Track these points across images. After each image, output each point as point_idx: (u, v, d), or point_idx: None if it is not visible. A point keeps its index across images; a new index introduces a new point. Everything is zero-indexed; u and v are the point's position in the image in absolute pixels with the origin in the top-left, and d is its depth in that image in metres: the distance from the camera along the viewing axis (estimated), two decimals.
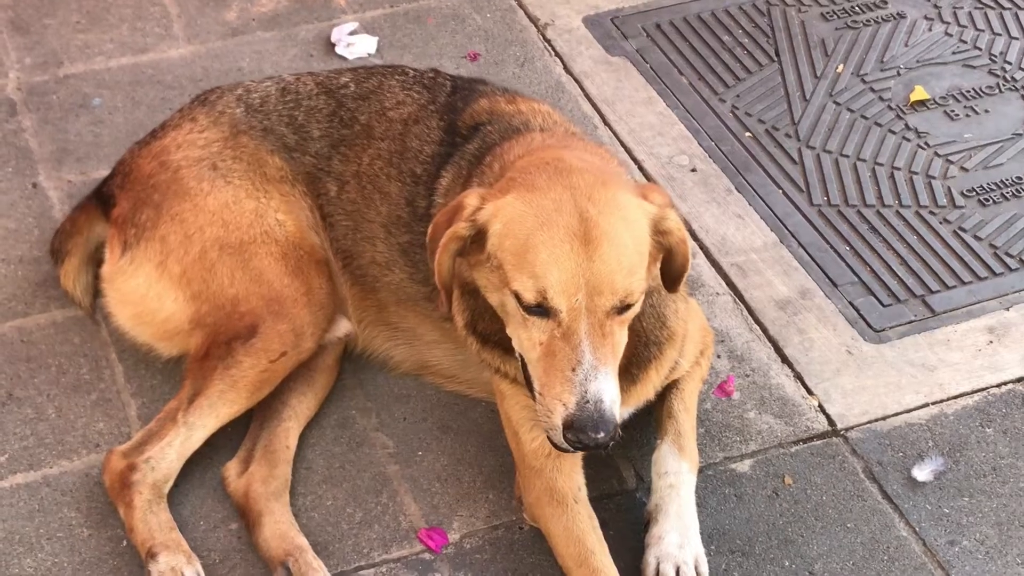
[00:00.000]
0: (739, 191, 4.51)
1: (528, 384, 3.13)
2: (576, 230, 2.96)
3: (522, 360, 3.13)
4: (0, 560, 3.41)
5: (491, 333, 3.31)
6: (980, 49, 5.07)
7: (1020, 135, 4.72)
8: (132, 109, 4.70)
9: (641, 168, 4.57)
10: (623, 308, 3.00)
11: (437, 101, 3.79)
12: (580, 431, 2.92)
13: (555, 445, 3.03)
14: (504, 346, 3.26)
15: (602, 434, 2.92)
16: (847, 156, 4.63)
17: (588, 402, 2.92)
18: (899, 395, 3.88)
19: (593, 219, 2.97)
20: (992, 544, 3.52)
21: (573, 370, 2.94)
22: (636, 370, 3.34)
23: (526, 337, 3.03)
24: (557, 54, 5.03)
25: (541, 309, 2.97)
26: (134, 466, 3.44)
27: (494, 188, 3.12)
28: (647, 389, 3.45)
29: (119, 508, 3.44)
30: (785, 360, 3.97)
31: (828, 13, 5.20)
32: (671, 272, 3.19)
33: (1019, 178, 4.55)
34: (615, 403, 2.96)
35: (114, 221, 3.77)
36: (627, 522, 3.53)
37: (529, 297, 2.96)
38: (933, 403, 3.87)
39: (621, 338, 3.05)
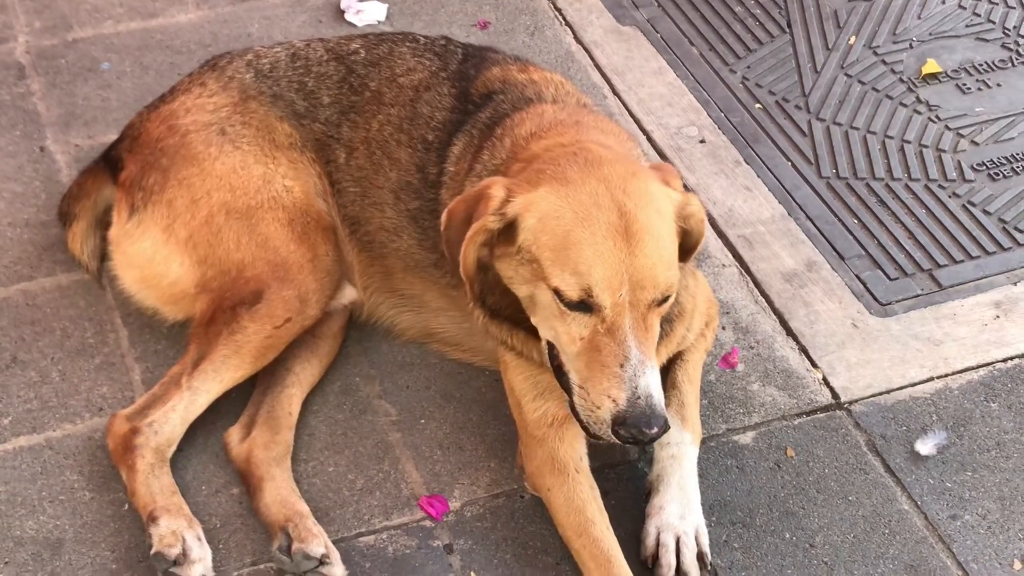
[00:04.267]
0: (748, 163, 4.49)
1: (559, 374, 3.12)
2: (616, 225, 2.96)
3: (549, 349, 3.13)
4: (2, 522, 3.43)
5: (500, 308, 3.30)
6: (993, 22, 5.04)
7: None
8: (140, 74, 4.70)
9: (650, 139, 4.55)
10: (663, 300, 3.01)
11: (448, 68, 3.78)
12: (633, 427, 2.93)
13: (595, 437, 3.04)
14: (513, 320, 3.26)
15: (655, 429, 2.94)
16: (857, 128, 4.61)
17: (639, 398, 2.93)
18: (904, 369, 3.87)
19: (632, 213, 2.97)
20: (994, 519, 3.52)
21: (621, 366, 2.94)
22: None
23: (564, 331, 3.02)
24: (567, 23, 5.01)
25: (583, 305, 2.97)
26: (137, 430, 3.45)
27: (520, 178, 3.10)
28: None
29: (121, 471, 3.45)
30: (790, 333, 3.96)
31: None
32: (685, 246, 3.19)
33: None
34: (662, 396, 2.98)
35: (122, 184, 3.77)
36: (628, 492, 3.53)
37: (572, 294, 2.96)
38: (938, 377, 3.86)
39: (658, 329, 3.07)
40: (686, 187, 4.30)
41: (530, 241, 3.03)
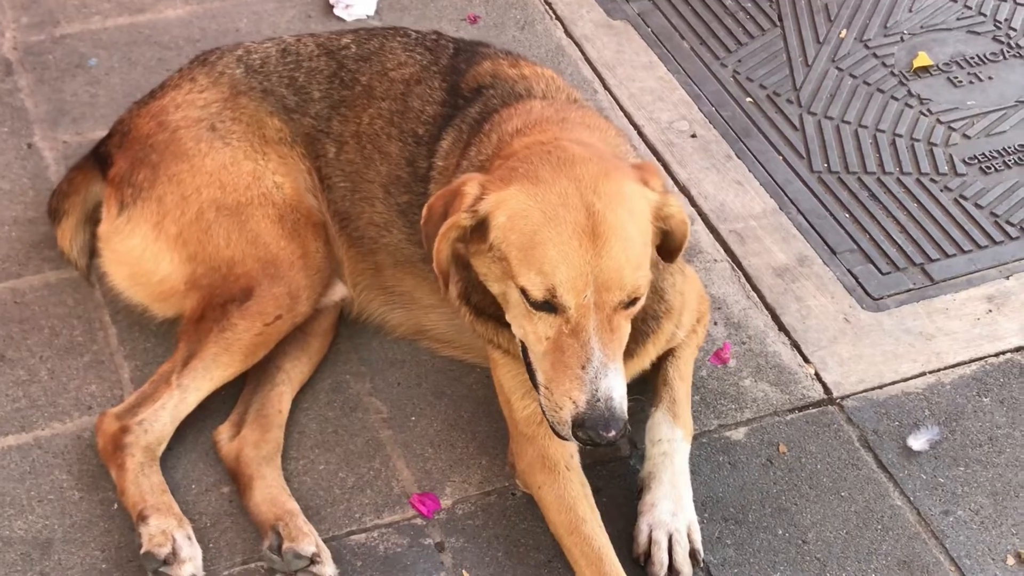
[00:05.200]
0: (739, 157, 4.48)
1: (529, 371, 3.11)
2: (583, 226, 2.93)
3: (522, 346, 3.11)
4: None
5: (485, 306, 3.29)
6: (985, 15, 5.03)
7: (1023, 103, 4.68)
8: (128, 69, 4.68)
9: (641, 133, 4.54)
10: (631, 302, 2.99)
11: (439, 62, 3.76)
12: (591, 429, 2.92)
13: (561, 437, 3.02)
14: (498, 318, 3.25)
15: (613, 432, 2.92)
16: (848, 122, 4.60)
17: (599, 400, 2.91)
18: (896, 364, 3.86)
19: (600, 213, 2.94)
20: (987, 514, 3.51)
21: (583, 367, 2.93)
22: (634, 345, 3.31)
23: (531, 331, 3.01)
24: (558, 17, 4.99)
25: (548, 305, 2.95)
26: (127, 428, 3.43)
27: (494, 175, 3.09)
28: (643, 361, 3.44)
29: (111, 470, 3.43)
30: (782, 328, 3.95)
31: None
32: (669, 246, 3.17)
33: (1021, 146, 4.53)
34: (624, 399, 2.96)
35: (111, 181, 3.75)
36: (620, 489, 3.52)
37: (537, 294, 2.94)
38: (930, 372, 3.85)
39: (627, 331, 3.04)
40: (676, 183, 4.33)
41: (500, 239, 3.01)
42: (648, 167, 3.17)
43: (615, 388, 2.93)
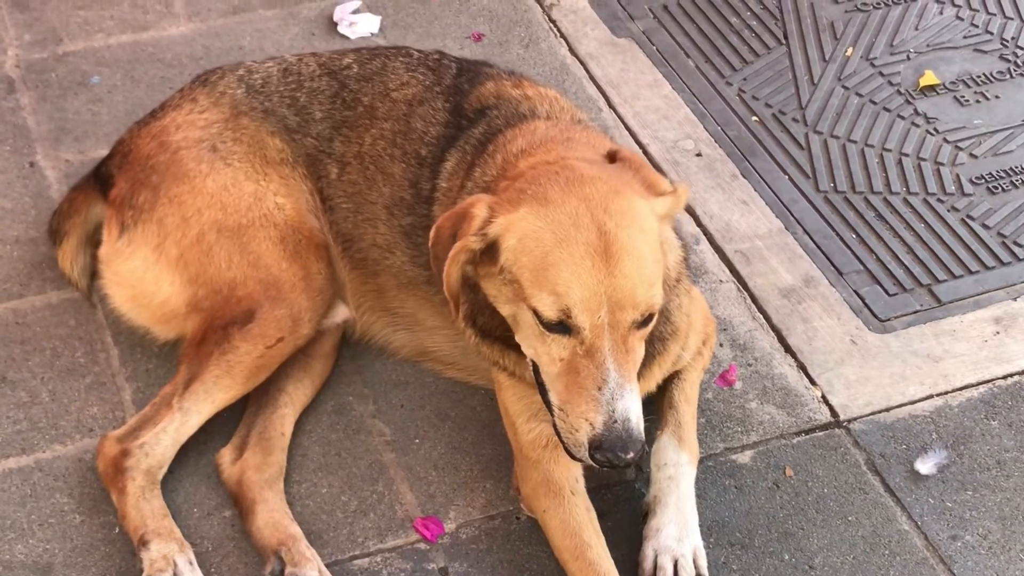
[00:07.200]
0: (744, 176, 4.46)
1: (542, 392, 3.09)
2: (596, 245, 2.92)
3: (534, 367, 3.09)
4: None
5: (491, 328, 3.27)
6: (992, 34, 5.01)
7: None
8: (131, 87, 4.66)
9: (646, 152, 4.51)
10: (644, 321, 2.97)
11: (442, 83, 3.74)
12: (609, 451, 2.90)
13: (576, 459, 3.01)
14: (504, 340, 3.23)
15: (631, 454, 2.91)
16: (855, 142, 4.57)
17: (616, 422, 2.90)
18: (903, 386, 3.83)
19: (612, 233, 2.93)
20: (995, 539, 3.48)
21: (599, 389, 2.91)
22: (640, 367, 3.29)
23: (544, 352, 2.99)
24: (562, 35, 4.97)
25: (562, 326, 2.93)
26: (128, 451, 3.41)
27: (502, 197, 3.07)
28: (649, 384, 3.41)
29: (112, 494, 3.41)
30: (788, 350, 3.92)
31: None
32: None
33: None
34: (640, 420, 2.95)
35: (112, 202, 3.74)
36: (625, 512, 3.49)
37: (550, 315, 2.93)
38: (938, 395, 3.82)
39: (641, 351, 3.03)
40: None
41: (511, 261, 2.99)
42: (652, 180, 3.14)
43: (632, 409, 2.92)
